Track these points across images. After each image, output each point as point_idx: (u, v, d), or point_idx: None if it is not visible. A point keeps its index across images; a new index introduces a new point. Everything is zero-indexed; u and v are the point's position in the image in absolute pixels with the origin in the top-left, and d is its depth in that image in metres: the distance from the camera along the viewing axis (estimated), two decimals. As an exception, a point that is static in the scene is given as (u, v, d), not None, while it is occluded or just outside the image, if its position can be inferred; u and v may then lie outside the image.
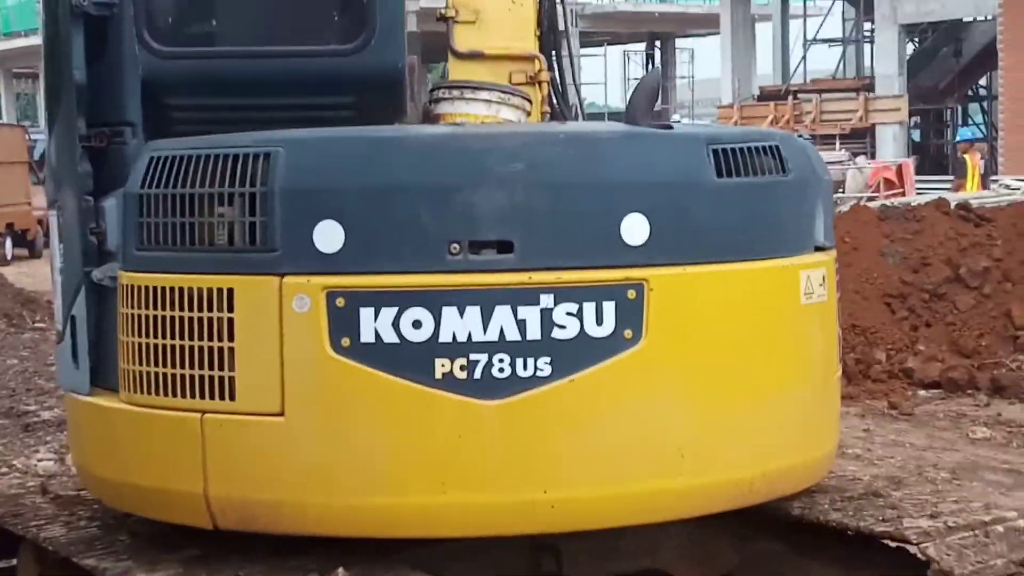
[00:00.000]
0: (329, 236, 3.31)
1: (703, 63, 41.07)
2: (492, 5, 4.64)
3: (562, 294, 3.32)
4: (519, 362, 3.30)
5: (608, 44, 37.89)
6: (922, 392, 9.13)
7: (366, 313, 3.29)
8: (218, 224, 3.46)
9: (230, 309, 3.41)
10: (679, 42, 39.51)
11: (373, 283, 3.30)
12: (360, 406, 3.34)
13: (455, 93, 4.40)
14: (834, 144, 29.49)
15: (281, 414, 3.38)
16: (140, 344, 3.61)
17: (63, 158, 4.01)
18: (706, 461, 3.50)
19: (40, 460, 6.65)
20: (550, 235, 3.33)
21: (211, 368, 3.45)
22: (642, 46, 37.48)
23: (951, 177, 29.55)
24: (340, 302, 3.30)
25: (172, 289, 3.52)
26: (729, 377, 3.53)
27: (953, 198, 12.99)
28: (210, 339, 3.45)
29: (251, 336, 3.39)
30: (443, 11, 4.68)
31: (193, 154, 3.50)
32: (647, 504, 3.46)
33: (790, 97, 30.38)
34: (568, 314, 3.32)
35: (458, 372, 3.29)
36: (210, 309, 3.44)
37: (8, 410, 8.34)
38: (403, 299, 3.29)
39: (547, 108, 4.81)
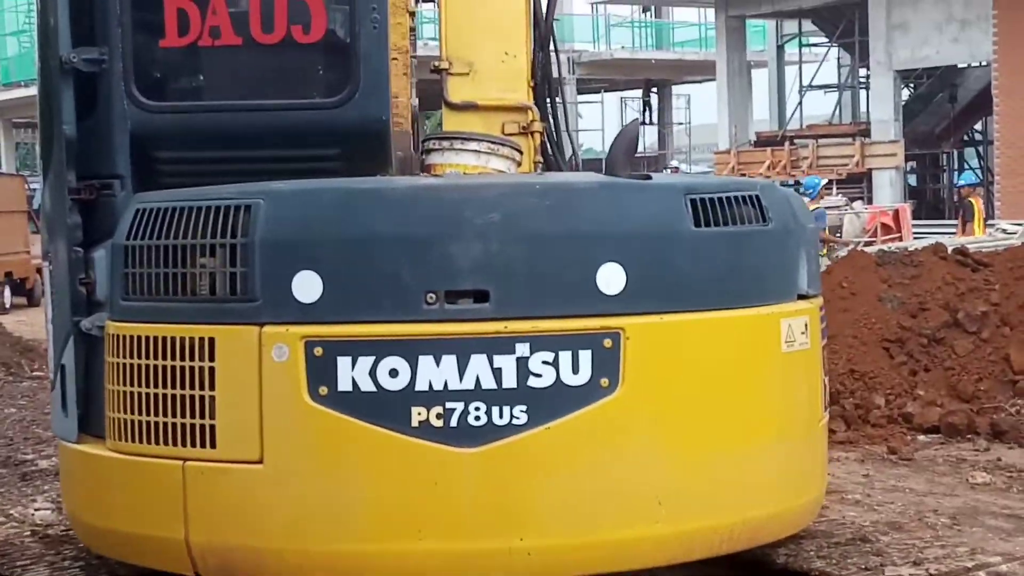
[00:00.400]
0: (307, 286, 3.35)
1: (700, 109, 41.24)
2: (485, 57, 4.70)
3: (538, 343, 3.35)
4: (495, 410, 3.33)
5: (605, 91, 38.06)
6: (921, 437, 9.02)
7: (343, 362, 3.33)
8: (200, 275, 3.49)
9: (211, 358, 3.45)
10: (676, 88, 39.67)
11: (350, 332, 3.34)
12: (337, 454, 3.36)
13: (445, 144, 4.47)
14: (831, 189, 29.49)
15: (260, 462, 3.41)
16: (125, 392, 3.65)
17: (55, 209, 4.06)
18: (684, 509, 3.52)
19: (37, 510, 6.65)
20: (526, 285, 3.37)
21: (193, 416, 3.49)
22: (639, 92, 37.72)
23: (951, 221, 29.62)
24: (318, 351, 3.34)
25: (156, 338, 3.56)
26: (708, 425, 3.55)
27: (952, 243, 12.97)
28: (192, 388, 3.48)
29: (231, 385, 3.43)
30: (437, 63, 4.75)
31: (177, 206, 3.56)
32: (624, 552, 3.48)
33: (787, 143, 30.43)
34: (544, 363, 3.36)
35: (434, 420, 3.32)
36: (192, 358, 3.48)
37: (6, 459, 8.35)
38: (380, 348, 3.33)
39: (540, 158, 4.87)
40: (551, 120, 4.88)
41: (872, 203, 28.28)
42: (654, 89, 37.96)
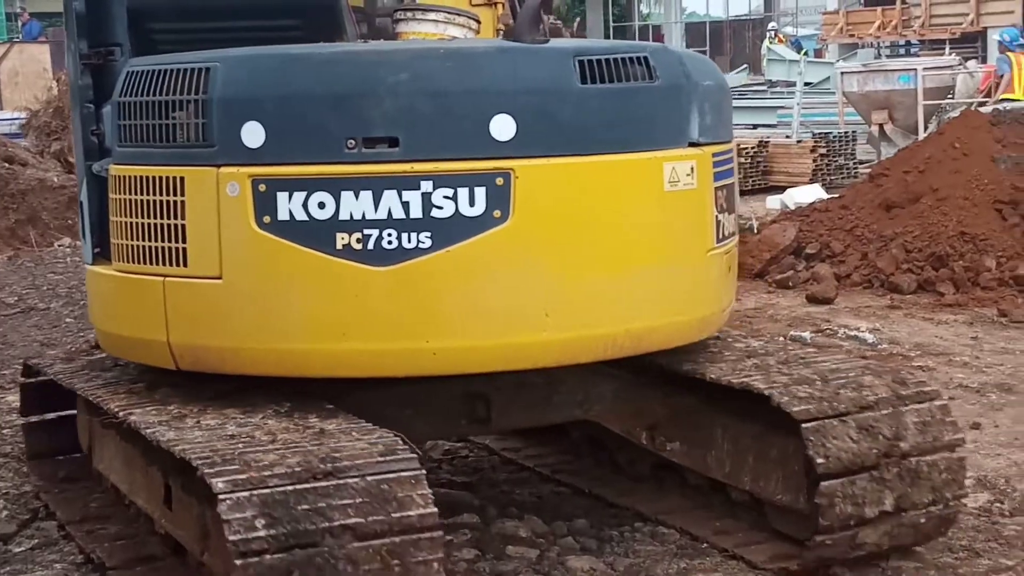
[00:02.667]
0: (254, 134, 4.07)
1: None
2: None
3: (440, 180, 4.03)
4: (404, 236, 4.04)
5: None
6: None
7: (282, 196, 4.06)
8: (173, 125, 4.24)
9: (182, 193, 4.21)
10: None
11: (287, 172, 4.06)
12: (279, 271, 4.11)
13: (409, 15, 5.10)
14: (943, 49, 29.02)
15: (220, 277, 4.18)
16: (123, 223, 4.45)
17: (73, 73, 4.84)
18: (568, 320, 4.20)
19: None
20: (429, 132, 4.04)
21: (170, 241, 4.27)
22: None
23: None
24: (262, 188, 4.07)
25: (143, 178, 4.34)
26: (590, 250, 4.21)
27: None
28: (169, 218, 4.26)
29: (197, 215, 4.19)
30: None
31: (156, 68, 4.30)
32: (515, 353, 4.19)
33: (898, 1, 29.87)
34: (445, 197, 4.04)
35: (355, 244, 4.04)
36: (168, 194, 4.25)
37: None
38: (310, 185, 4.04)
39: (502, 25, 5.47)
40: None
41: (987, 62, 27.78)
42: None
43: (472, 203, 4.06)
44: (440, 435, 5.44)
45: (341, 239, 4.05)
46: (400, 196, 4.03)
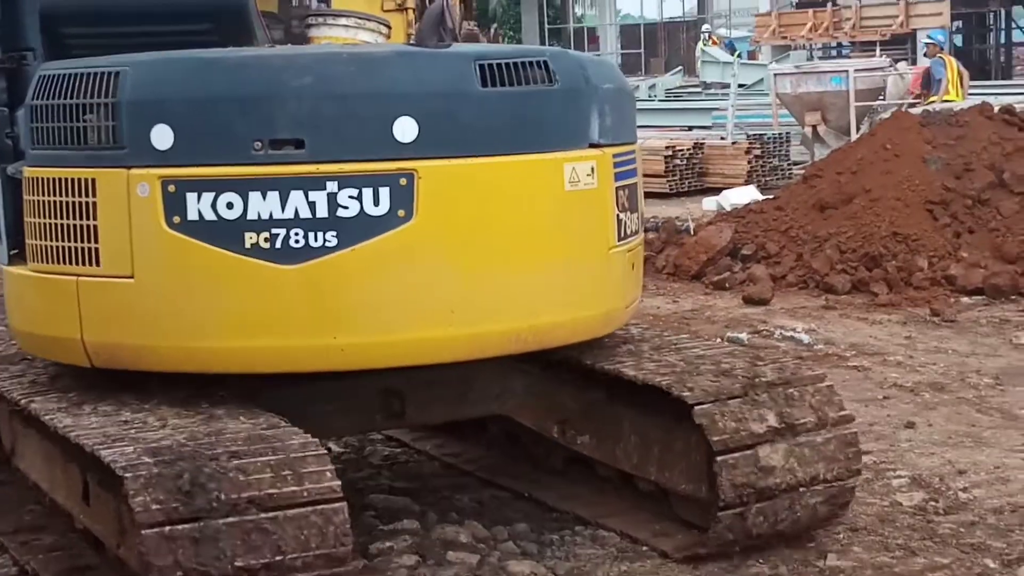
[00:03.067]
0: (163, 137, 4.18)
1: None
2: None
3: (345, 181, 4.17)
4: (311, 235, 4.17)
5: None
6: (965, 299, 9.28)
7: (191, 197, 4.17)
8: (84, 128, 4.34)
9: (94, 195, 4.31)
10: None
11: (196, 173, 4.18)
12: (189, 270, 4.23)
13: (320, 20, 5.24)
14: (874, 51, 29.47)
15: (132, 276, 4.28)
16: (37, 224, 4.54)
17: (-12, 77, 4.92)
18: (473, 315, 4.35)
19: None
20: (334, 135, 4.17)
21: (83, 241, 4.36)
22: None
23: (999, 82, 29.47)
24: (172, 188, 4.18)
25: (56, 180, 4.43)
26: (493, 248, 4.37)
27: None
28: (81, 218, 4.36)
29: (109, 216, 4.29)
30: None
31: (68, 72, 4.40)
32: (422, 349, 4.33)
33: (829, 3, 30.31)
34: (350, 197, 4.18)
35: (263, 243, 4.17)
36: (81, 195, 4.35)
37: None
38: (219, 186, 4.16)
39: (412, 31, 5.61)
40: None
41: (916, 64, 28.22)
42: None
43: (376, 203, 4.19)
44: (357, 430, 5.58)
45: (249, 238, 4.17)
46: (306, 196, 4.16)
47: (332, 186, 4.16)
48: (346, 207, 4.17)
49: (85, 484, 4.38)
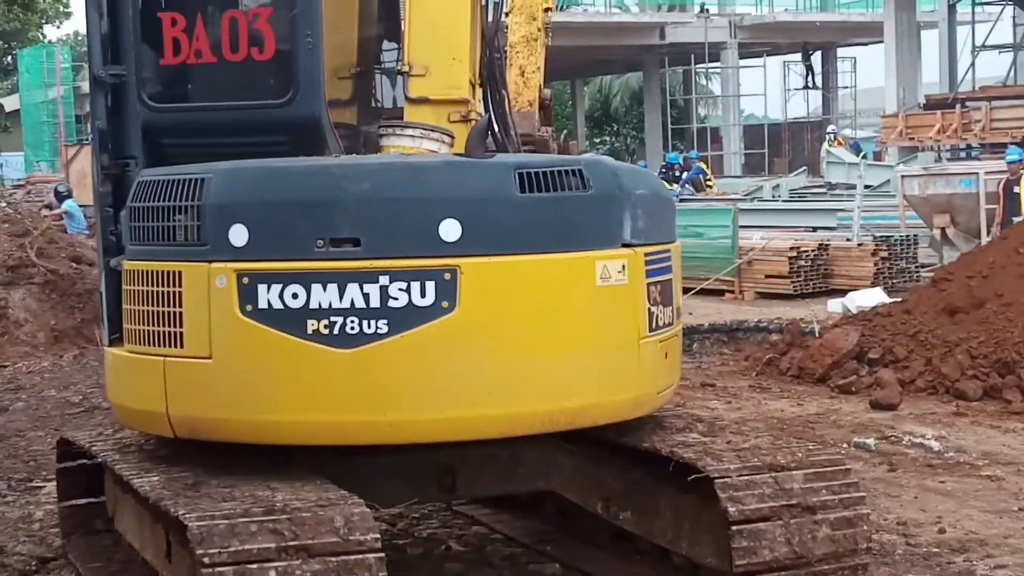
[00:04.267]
0: (239, 235, 4.83)
1: (866, 72, 40.88)
2: (437, 62, 6.02)
3: (396, 275, 4.76)
4: (365, 323, 4.76)
5: (768, 55, 38.47)
6: None
7: (262, 288, 4.80)
8: (175, 227, 5.01)
9: (180, 285, 4.97)
10: (841, 51, 39.77)
11: (266, 267, 4.82)
12: (259, 352, 4.85)
13: (390, 130, 5.87)
14: (1004, 152, 29.23)
15: (210, 357, 4.91)
16: (133, 311, 5.22)
17: (96, 180, 5.66)
18: (508, 397, 4.88)
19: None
20: (387, 234, 4.78)
21: (170, 326, 5.02)
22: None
23: None
24: (246, 280, 4.82)
25: (149, 272, 5.11)
26: (528, 337, 4.91)
27: None
28: (169, 306, 5.01)
29: (192, 304, 4.95)
30: (399, 66, 6.12)
31: (162, 179, 5.09)
32: (462, 426, 4.87)
33: (958, 105, 30.16)
34: (400, 289, 4.76)
35: (323, 329, 4.77)
36: (170, 285, 5.01)
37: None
38: (286, 278, 4.79)
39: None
40: (492, 109, 6.22)
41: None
42: (811, 52, 38.03)
43: (423, 295, 4.77)
44: (412, 500, 6.11)
45: (311, 325, 4.77)
46: (361, 288, 4.76)
47: (384, 280, 4.76)
48: (396, 298, 4.76)
49: (168, 543, 4.99)
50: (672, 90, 39.85)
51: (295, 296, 4.78)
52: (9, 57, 39.99)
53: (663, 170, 29.19)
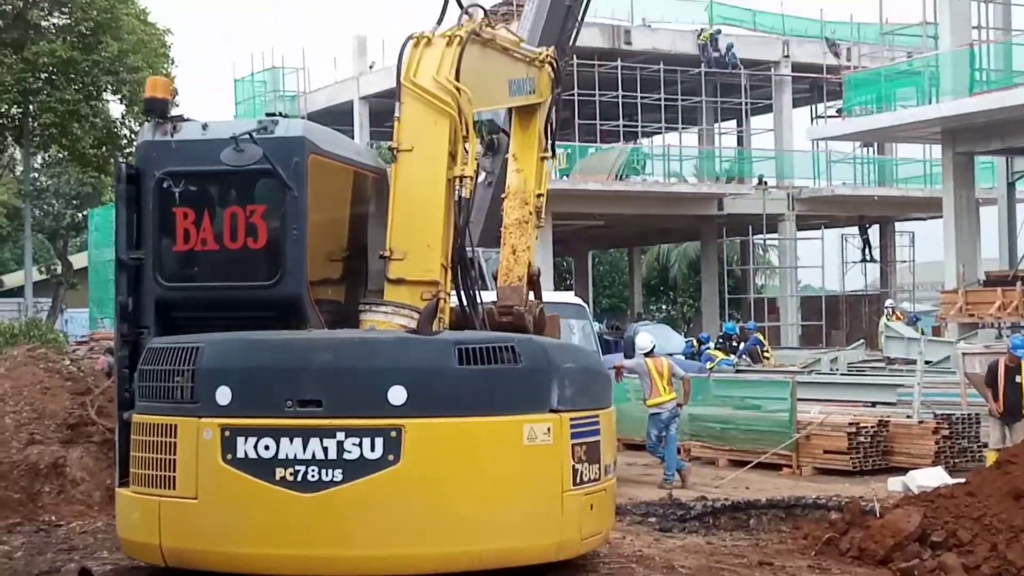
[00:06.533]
0: (223, 395, 6.02)
1: (924, 246, 41.38)
2: (413, 248, 7.23)
3: (350, 432, 5.90)
4: (323, 471, 5.89)
5: (825, 227, 39.46)
6: None
7: (240, 440, 5.97)
8: (173, 387, 6.22)
9: (175, 436, 6.15)
10: (899, 225, 40.64)
11: (244, 423, 5.99)
12: (237, 494, 5.98)
13: (367, 307, 7.06)
14: (1061, 333, 29.26)
15: (196, 498, 6.06)
16: (138, 457, 6.40)
17: (116, 345, 6.93)
18: (444, 538, 5.96)
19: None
20: (344, 397, 5.94)
21: (166, 470, 6.18)
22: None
23: None
24: (227, 433, 5.99)
25: (152, 424, 6.30)
26: (463, 487, 6.00)
27: None
28: (166, 454, 6.19)
29: (184, 452, 6.12)
30: (382, 252, 7.32)
31: (166, 347, 6.32)
32: (406, 562, 5.96)
33: (1018, 283, 30.37)
34: (353, 444, 5.90)
35: (289, 476, 5.90)
36: (167, 436, 6.19)
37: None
38: (259, 433, 5.95)
39: (442, 316, 7.37)
40: (460, 288, 7.40)
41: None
42: (868, 225, 38.93)
43: (373, 449, 5.90)
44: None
45: (279, 472, 5.91)
46: (322, 442, 5.90)
47: (341, 435, 5.91)
48: (350, 452, 5.90)
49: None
50: (730, 260, 40.86)
51: (267, 448, 5.94)
52: (80, 215, 42.24)
53: (720, 340, 29.91)
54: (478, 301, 7.55)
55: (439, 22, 7.86)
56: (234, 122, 6.99)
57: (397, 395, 5.94)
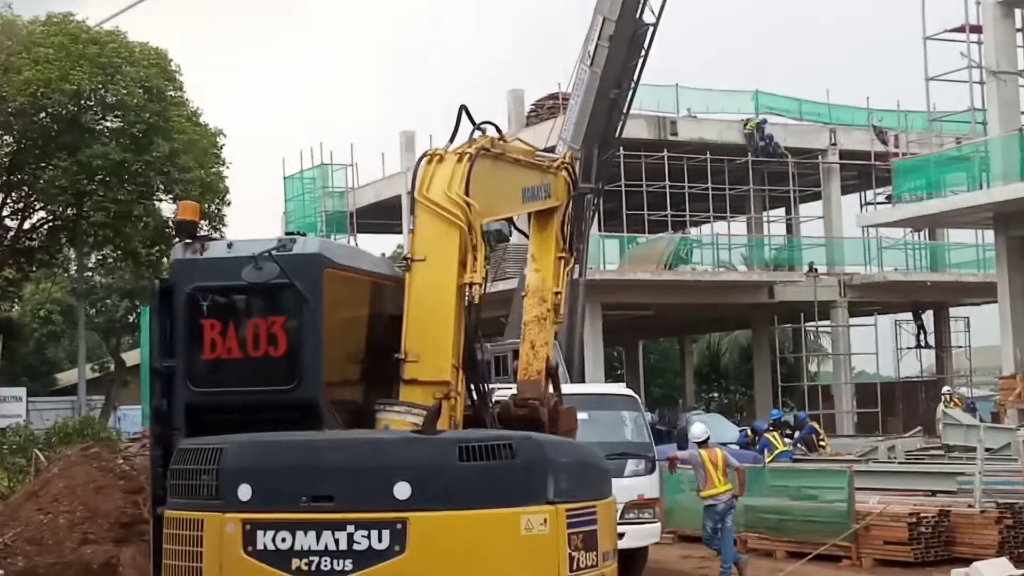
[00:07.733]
0: (245, 492, 6.71)
1: (980, 331, 41.39)
2: (426, 350, 7.94)
3: (359, 525, 6.56)
4: (335, 562, 6.55)
5: (878, 313, 39.77)
6: None
7: (260, 533, 6.65)
8: (200, 484, 6.92)
9: (201, 530, 6.85)
10: (953, 310, 40.84)
11: (263, 518, 6.66)
12: (255, 583, 6.66)
13: (382, 407, 7.77)
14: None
15: (219, 587, 6.74)
16: (170, 549, 7.10)
17: (151, 445, 7.67)
18: (446, 622, 6.58)
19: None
20: (354, 493, 6.61)
21: (194, 562, 6.87)
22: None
23: None
24: (248, 527, 6.67)
25: (181, 519, 7.00)
26: (465, 574, 6.62)
27: None
28: (194, 546, 6.88)
29: (210, 545, 6.80)
30: (398, 355, 8.03)
31: (194, 447, 7.04)
32: (409, 644, 6.57)
33: (1078, 367, 30.57)
34: (362, 536, 6.55)
35: (303, 566, 6.57)
36: (194, 530, 6.89)
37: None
38: (277, 526, 6.62)
39: (455, 414, 8.05)
40: (475, 385, 8.09)
41: None
42: (923, 311, 39.11)
43: (380, 540, 6.55)
44: None
45: (295, 563, 6.58)
46: (333, 535, 6.56)
47: (351, 528, 6.57)
48: (359, 543, 6.55)
49: None
50: (782, 347, 41.21)
51: (284, 540, 6.61)
52: (133, 314, 43.41)
53: (771, 427, 30.01)
54: (487, 397, 8.24)
55: (451, 140, 8.65)
56: (256, 241, 7.77)
57: (402, 490, 6.60)
